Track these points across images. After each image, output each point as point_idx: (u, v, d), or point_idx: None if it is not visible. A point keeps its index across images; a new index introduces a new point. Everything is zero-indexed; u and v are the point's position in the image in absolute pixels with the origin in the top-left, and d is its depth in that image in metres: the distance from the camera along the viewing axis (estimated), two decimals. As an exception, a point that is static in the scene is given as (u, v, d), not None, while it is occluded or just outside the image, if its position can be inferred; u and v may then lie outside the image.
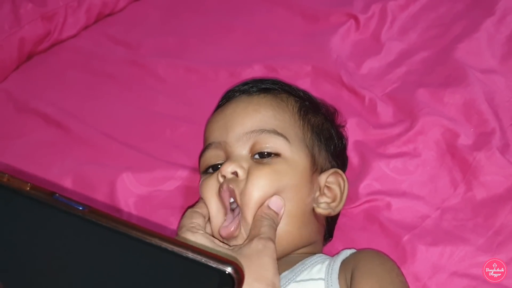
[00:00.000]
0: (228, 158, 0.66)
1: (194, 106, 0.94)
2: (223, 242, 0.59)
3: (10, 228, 0.40)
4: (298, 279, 0.56)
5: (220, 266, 0.35)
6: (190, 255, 0.35)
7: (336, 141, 0.75)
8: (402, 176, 0.81)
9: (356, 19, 1.03)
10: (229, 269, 0.35)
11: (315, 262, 0.62)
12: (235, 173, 0.63)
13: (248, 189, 0.62)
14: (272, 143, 0.65)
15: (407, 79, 0.94)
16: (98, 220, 0.37)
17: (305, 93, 0.76)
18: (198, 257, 0.35)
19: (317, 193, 0.68)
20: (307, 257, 0.64)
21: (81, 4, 1.11)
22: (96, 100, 0.98)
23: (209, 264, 0.35)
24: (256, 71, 0.97)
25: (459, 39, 0.96)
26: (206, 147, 0.70)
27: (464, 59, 0.93)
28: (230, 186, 0.62)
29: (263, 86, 0.73)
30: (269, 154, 0.65)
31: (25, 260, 0.40)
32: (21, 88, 1.01)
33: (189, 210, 0.63)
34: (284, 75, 0.95)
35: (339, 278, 0.59)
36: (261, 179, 0.62)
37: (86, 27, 1.13)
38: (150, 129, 0.92)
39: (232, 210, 0.63)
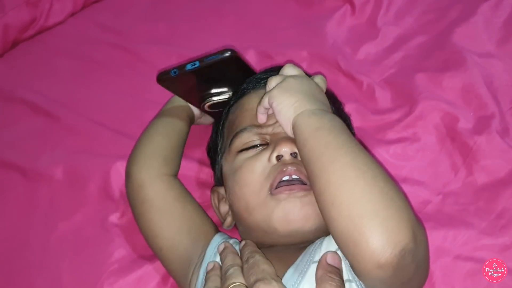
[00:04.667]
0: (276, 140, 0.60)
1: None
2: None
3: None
4: (315, 259, 0.54)
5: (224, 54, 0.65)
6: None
7: (353, 133, 0.73)
8: (403, 162, 0.80)
9: (352, 4, 1.02)
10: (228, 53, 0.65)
11: (320, 239, 0.59)
12: (294, 154, 0.58)
13: None
14: None
15: (405, 64, 0.93)
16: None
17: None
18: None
19: None
20: (312, 237, 0.61)
21: (67, -11, 1.08)
22: (85, 87, 0.95)
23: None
24: (250, 58, 0.94)
25: (456, 23, 0.95)
26: (244, 128, 0.64)
27: (462, 43, 0.92)
28: (294, 169, 0.57)
29: None
30: None
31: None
32: (6, 77, 0.98)
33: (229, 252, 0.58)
34: (280, 61, 0.93)
35: None
36: None
37: (73, 14, 1.10)
38: (143, 117, 0.88)
39: None
